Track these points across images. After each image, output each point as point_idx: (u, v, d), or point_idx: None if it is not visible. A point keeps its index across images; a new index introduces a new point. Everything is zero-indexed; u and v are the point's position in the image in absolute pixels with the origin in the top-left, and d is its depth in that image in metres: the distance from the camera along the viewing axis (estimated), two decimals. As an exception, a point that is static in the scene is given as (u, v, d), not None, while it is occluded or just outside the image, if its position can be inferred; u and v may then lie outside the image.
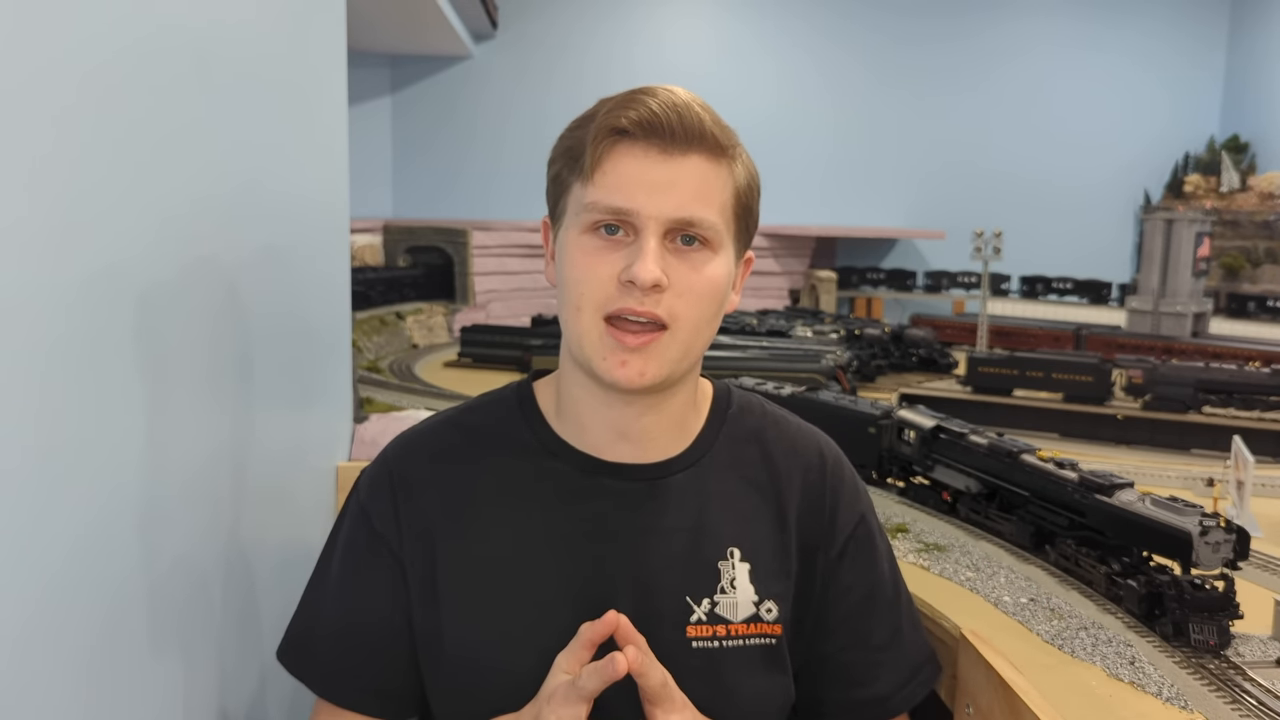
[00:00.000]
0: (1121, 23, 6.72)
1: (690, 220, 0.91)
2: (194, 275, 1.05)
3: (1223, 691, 1.13)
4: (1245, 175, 6.32)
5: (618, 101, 0.93)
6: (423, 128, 6.44)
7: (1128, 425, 2.83)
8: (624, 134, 0.91)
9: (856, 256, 6.58)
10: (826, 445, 1.12)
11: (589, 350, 0.93)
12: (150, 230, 0.94)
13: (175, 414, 1.01)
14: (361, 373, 3.19)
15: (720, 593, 1.00)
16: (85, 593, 0.84)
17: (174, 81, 1.00)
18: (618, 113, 0.91)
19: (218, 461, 1.15)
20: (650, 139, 0.91)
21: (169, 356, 1.00)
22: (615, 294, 0.91)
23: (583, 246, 0.93)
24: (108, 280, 0.86)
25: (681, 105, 0.92)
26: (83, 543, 0.83)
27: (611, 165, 0.92)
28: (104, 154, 0.85)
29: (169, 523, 1.00)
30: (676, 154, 0.92)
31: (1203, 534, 1.24)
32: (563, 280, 0.95)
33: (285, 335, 1.41)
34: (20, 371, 0.74)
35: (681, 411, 1.04)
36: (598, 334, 0.92)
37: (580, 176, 0.93)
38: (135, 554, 0.93)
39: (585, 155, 0.92)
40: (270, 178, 1.34)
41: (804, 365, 3.27)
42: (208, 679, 1.13)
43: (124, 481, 0.91)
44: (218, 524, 1.15)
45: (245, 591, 1.25)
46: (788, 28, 6.60)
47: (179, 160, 1.01)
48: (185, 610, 1.06)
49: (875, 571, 1.09)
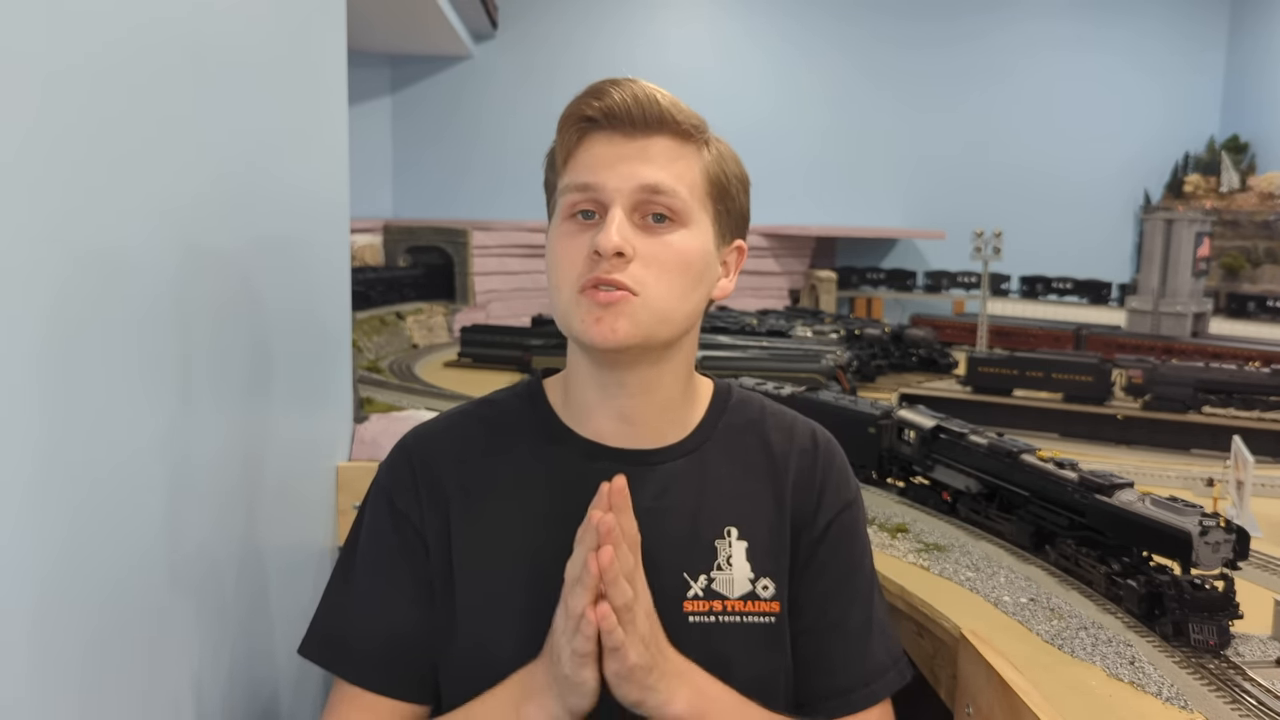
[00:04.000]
0: (1121, 23, 6.72)
1: (653, 186, 0.95)
2: (194, 275, 1.06)
3: (1223, 691, 1.13)
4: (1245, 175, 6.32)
5: (585, 92, 0.98)
6: (423, 128, 6.44)
7: (1128, 425, 2.83)
8: (591, 122, 0.97)
9: (856, 256, 6.58)
10: (821, 432, 1.15)
11: (572, 322, 0.97)
12: (151, 231, 0.94)
13: (175, 414, 1.02)
14: (361, 373, 3.19)
15: (716, 569, 1.03)
16: (88, 591, 0.84)
17: (174, 83, 1.00)
18: (583, 102, 0.97)
19: (218, 462, 1.15)
20: (615, 125, 0.97)
21: (169, 357, 1.00)
22: (586, 268, 0.95)
23: (561, 231, 0.99)
24: (109, 281, 0.86)
25: (644, 93, 0.97)
26: (84, 542, 0.83)
27: (581, 151, 0.98)
28: (107, 157, 0.85)
29: (170, 522, 1.00)
30: (640, 137, 0.97)
31: (1203, 534, 1.25)
32: (548, 267, 1.01)
33: (285, 335, 1.41)
34: (21, 373, 0.74)
35: (677, 395, 1.07)
36: (575, 303, 0.96)
37: (559, 169, 1.00)
38: (137, 553, 0.93)
39: (561, 148, 0.99)
40: (271, 178, 1.34)
41: (804, 365, 3.27)
42: (212, 676, 1.13)
43: (125, 482, 0.91)
44: (218, 523, 1.16)
45: (246, 590, 1.25)
46: (787, 29, 6.60)
47: (179, 161, 1.01)
48: (187, 609, 1.06)
49: (853, 560, 1.10)
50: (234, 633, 1.21)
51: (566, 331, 1.00)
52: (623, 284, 0.94)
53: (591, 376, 1.03)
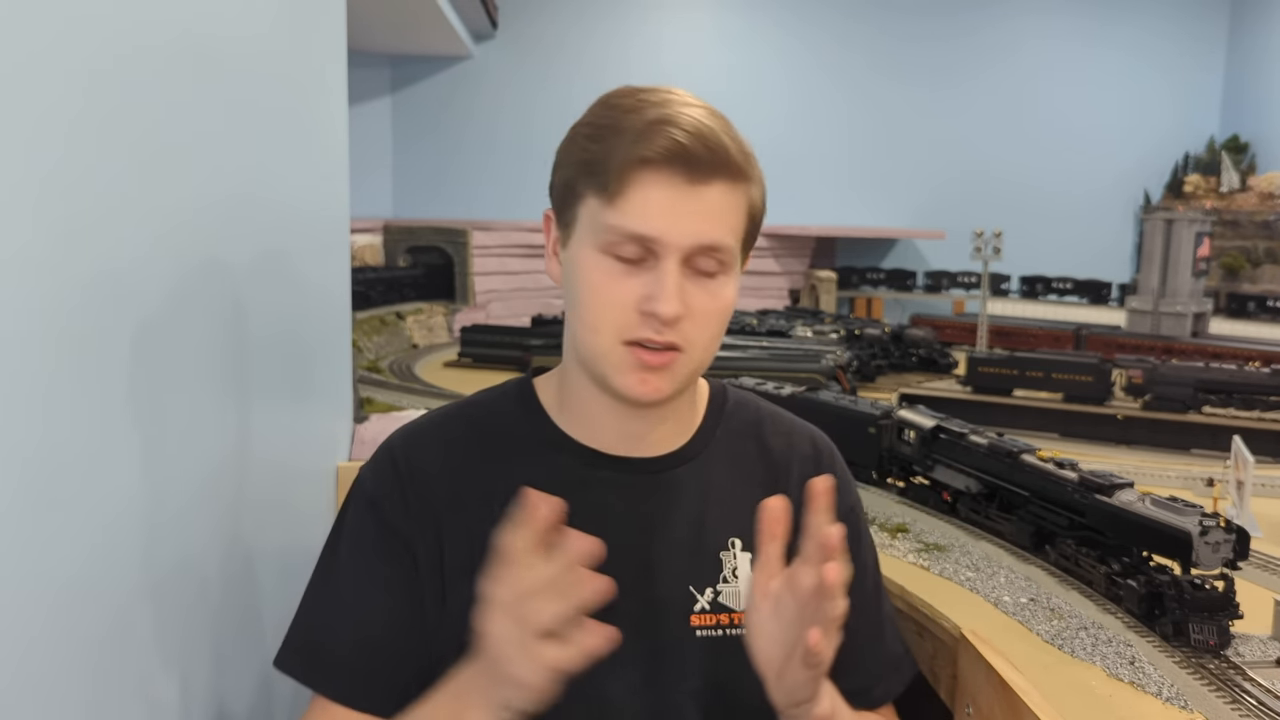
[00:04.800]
0: (1121, 20, 6.71)
1: (710, 245, 0.92)
2: (194, 275, 1.06)
3: (1223, 691, 1.13)
4: (1245, 175, 6.32)
5: (644, 127, 0.91)
6: (423, 128, 6.43)
7: (1128, 425, 2.83)
8: (647, 162, 0.91)
9: (856, 256, 6.58)
10: (819, 437, 1.15)
11: (606, 368, 0.94)
12: (151, 231, 0.94)
13: (175, 415, 1.01)
14: (361, 373, 3.19)
15: (723, 582, 1.02)
16: (88, 596, 0.84)
17: (174, 83, 1.00)
18: (646, 143, 0.90)
19: (218, 462, 1.15)
20: (676, 167, 0.90)
21: (169, 356, 1.00)
22: (635, 322, 0.92)
23: (601, 268, 0.92)
24: (108, 282, 0.86)
25: (707, 131, 0.91)
26: (85, 546, 0.83)
27: (636, 191, 0.91)
28: (103, 157, 0.85)
29: (171, 524, 1.00)
30: (700, 182, 0.91)
31: (1203, 534, 1.25)
32: (576, 296, 0.96)
33: (286, 335, 1.41)
34: (22, 374, 0.74)
35: (682, 405, 1.06)
36: (618, 355, 0.93)
37: (600, 194, 0.92)
38: (138, 556, 0.93)
39: (608, 177, 0.91)
40: (271, 178, 1.34)
41: (804, 365, 3.27)
42: (210, 681, 1.13)
43: (126, 484, 0.91)
44: (219, 525, 1.15)
45: (246, 593, 1.25)
46: (789, 26, 6.59)
47: (179, 161, 1.01)
48: (187, 612, 1.06)
49: (859, 561, 1.09)
50: (233, 633, 1.21)
51: (593, 372, 0.97)
52: (674, 344, 0.92)
53: (599, 398, 1.00)
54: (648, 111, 0.91)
